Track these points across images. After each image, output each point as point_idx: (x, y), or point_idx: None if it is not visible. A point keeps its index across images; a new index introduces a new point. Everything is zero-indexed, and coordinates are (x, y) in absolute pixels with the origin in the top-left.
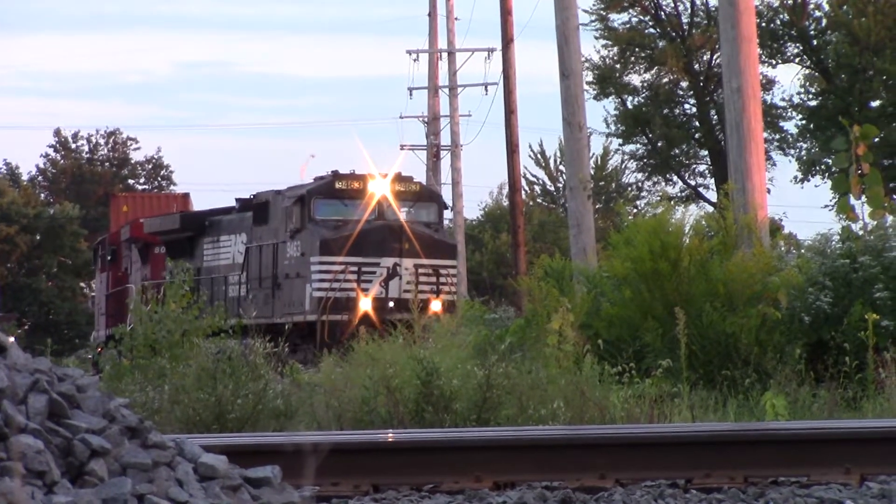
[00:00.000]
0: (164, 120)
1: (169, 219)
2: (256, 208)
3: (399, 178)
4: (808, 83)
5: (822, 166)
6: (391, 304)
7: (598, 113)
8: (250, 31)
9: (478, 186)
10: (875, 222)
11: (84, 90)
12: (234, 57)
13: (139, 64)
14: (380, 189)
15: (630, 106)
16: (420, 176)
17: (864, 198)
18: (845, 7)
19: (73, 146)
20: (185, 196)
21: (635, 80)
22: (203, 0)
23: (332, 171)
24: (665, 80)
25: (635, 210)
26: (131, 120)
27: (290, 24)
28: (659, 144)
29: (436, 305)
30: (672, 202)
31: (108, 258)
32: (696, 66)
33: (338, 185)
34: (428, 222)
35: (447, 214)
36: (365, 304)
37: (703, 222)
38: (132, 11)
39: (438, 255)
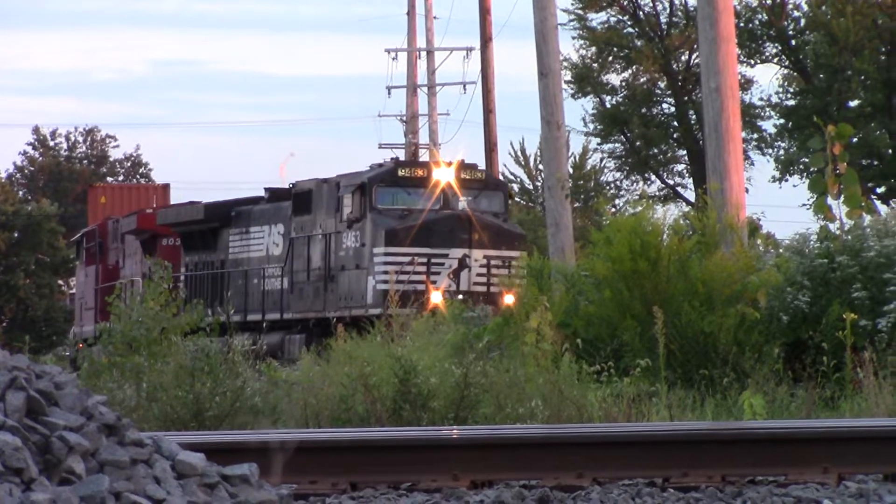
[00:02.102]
0: (141, 118)
1: (189, 209)
2: (297, 198)
3: (463, 166)
4: (786, 83)
5: (800, 166)
6: (461, 297)
7: (577, 112)
8: (227, 29)
9: None
10: (852, 222)
11: (59, 87)
12: (210, 55)
13: (114, 62)
14: (444, 177)
15: (608, 105)
16: None
17: (841, 197)
18: (824, 7)
19: (52, 144)
20: (165, 187)
21: (613, 79)
22: None
23: (393, 159)
24: (643, 79)
25: (613, 209)
26: (107, 118)
27: (267, 23)
28: (637, 144)
29: (509, 299)
30: (650, 201)
31: (95, 251)
32: (675, 66)
33: (400, 173)
34: (495, 212)
35: None
36: (436, 298)
37: (683, 221)
38: (106, 9)
39: (508, 245)
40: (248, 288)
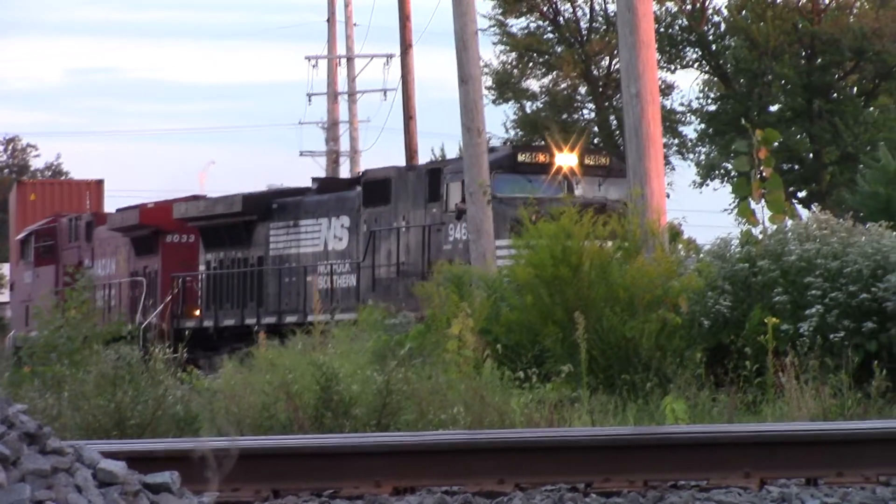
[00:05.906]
0: (59, 126)
1: (220, 202)
2: (371, 187)
3: (588, 151)
4: (706, 88)
5: (721, 170)
6: None
7: (498, 118)
8: (143, 37)
9: None
10: (775, 226)
11: None
12: (127, 63)
13: (31, 71)
14: (567, 162)
15: (528, 111)
16: None
17: (764, 202)
18: (744, 12)
19: None
20: (99, 183)
21: (534, 85)
22: (93, 7)
23: (509, 142)
24: (563, 85)
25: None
26: (26, 126)
27: (184, 31)
28: None
29: None
30: (573, 206)
31: (49, 250)
32: (595, 72)
33: (520, 158)
34: (621, 200)
35: None
36: None
37: (603, 226)
38: (21, 19)
39: None
40: (307, 286)
